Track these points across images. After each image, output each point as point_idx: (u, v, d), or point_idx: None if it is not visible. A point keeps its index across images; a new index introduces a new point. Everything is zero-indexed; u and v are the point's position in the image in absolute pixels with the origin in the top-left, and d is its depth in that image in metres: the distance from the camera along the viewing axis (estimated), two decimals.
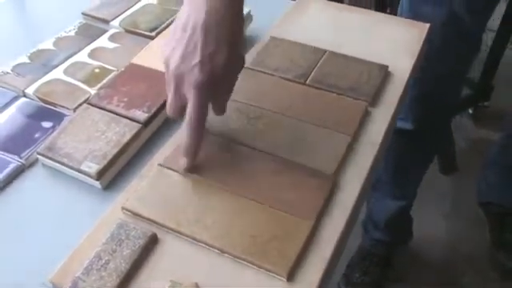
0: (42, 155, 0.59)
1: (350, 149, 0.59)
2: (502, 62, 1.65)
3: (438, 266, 1.39)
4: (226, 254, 0.49)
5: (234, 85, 0.54)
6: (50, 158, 0.58)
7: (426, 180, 1.37)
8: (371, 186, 1.20)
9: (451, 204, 1.54)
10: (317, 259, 0.49)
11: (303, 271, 0.48)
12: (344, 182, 0.55)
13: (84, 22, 0.82)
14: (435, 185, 1.55)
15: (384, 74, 0.69)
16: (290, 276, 0.47)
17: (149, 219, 0.52)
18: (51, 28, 0.80)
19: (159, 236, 0.50)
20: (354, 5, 0.88)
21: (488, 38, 1.66)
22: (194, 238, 0.50)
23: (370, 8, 1.74)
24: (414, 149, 1.06)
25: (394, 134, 0.69)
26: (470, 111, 1.76)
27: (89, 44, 0.77)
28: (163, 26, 0.79)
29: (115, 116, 0.62)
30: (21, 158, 0.60)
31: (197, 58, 0.50)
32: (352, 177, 0.56)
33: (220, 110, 0.56)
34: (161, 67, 0.68)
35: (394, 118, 0.65)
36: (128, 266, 0.47)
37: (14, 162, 0.59)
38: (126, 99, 0.64)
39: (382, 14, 0.84)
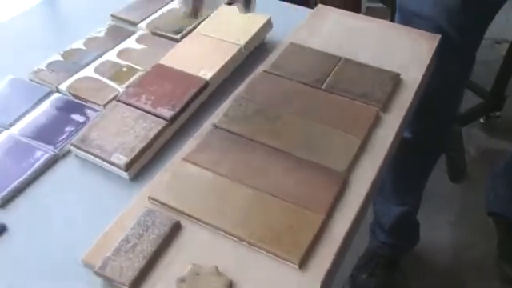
0: (76, 146, 0.63)
1: (361, 150, 0.63)
2: None
3: (444, 272, 1.41)
4: (244, 242, 0.53)
5: None
6: (83, 150, 0.63)
7: (436, 187, 1.40)
8: (378, 191, 1.23)
9: (460, 211, 1.56)
10: (327, 250, 0.53)
11: (314, 260, 0.52)
12: (354, 180, 0.59)
13: (113, 23, 0.87)
14: (445, 192, 1.58)
15: (395, 81, 0.73)
16: (302, 264, 0.51)
17: (173, 208, 0.56)
18: (82, 29, 0.84)
19: (182, 224, 0.55)
20: (370, 15, 0.91)
21: (501, 49, 1.68)
22: (215, 227, 0.54)
23: (386, 18, 1.78)
24: (413, 157, 1.09)
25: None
26: (482, 121, 1.78)
27: (117, 45, 0.81)
28: (187, 29, 0.83)
29: (143, 113, 0.67)
30: (55, 148, 0.64)
31: None
32: (361, 176, 0.60)
33: None
34: (186, 69, 0.73)
35: (403, 123, 0.69)
36: (153, 250, 0.52)
37: (49, 152, 0.64)
38: (152, 97, 0.69)
39: (396, 25, 0.88)
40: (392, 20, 1.68)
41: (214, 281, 0.49)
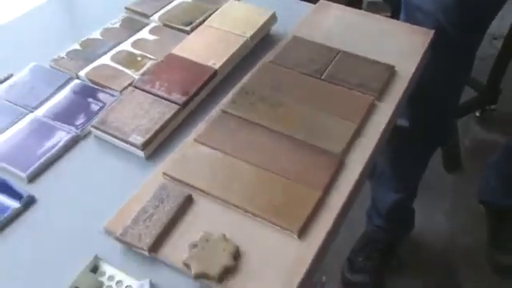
0: (96, 128, 0.69)
1: (356, 134, 0.69)
2: (510, 66, 1.71)
3: (437, 258, 1.47)
4: (249, 214, 0.59)
5: None
6: (103, 131, 0.69)
7: (432, 177, 1.45)
8: (377, 178, 1.30)
9: (455, 200, 1.61)
10: (323, 222, 0.59)
11: (311, 231, 0.58)
12: (349, 161, 0.65)
13: (127, 15, 0.93)
14: (440, 182, 1.64)
15: (390, 73, 0.79)
16: (301, 233, 0.57)
17: (185, 183, 0.62)
18: (99, 20, 0.90)
19: (193, 197, 0.61)
20: (371, 11, 0.96)
21: (499, 44, 1.73)
22: (223, 200, 0.60)
23: (386, 12, 1.83)
24: (411, 145, 1.14)
25: (394, 130, 0.78)
26: (477, 114, 1.84)
27: (132, 35, 0.87)
28: (197, 21, 0.89)
29: (157, 98, 0.73)
30: (77, 129, 0.70)
31: None
32: (356, 157, 0.66)
33: None
34: (196, 58, 0.79)
35: (396, 111, 0.75)
36: (168, 219, 0.58)
37: (71, 132, 0.70)
38: (166, 84, 0.74)
39: (394, 21, 0.93)
40: (392, 14, 1.73)
41: (222, 246, 0.55)
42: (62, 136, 0.69)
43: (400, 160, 1.21)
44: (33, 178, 0.65)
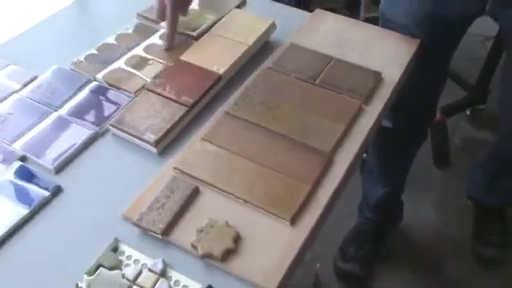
0: (114, 126, 0.78)
1: (344, 135, 0.77)
2: (499, 67, 1.79)
3: (425, 249, 1.55)
4: (248, 204, 0.68)
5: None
6: (120, 129, 0.77)
7: (422, 173, 1.53)
8: (367, 173, 1.39)
9: (443, 194, 1.70)
10: (312, 212, 0.68)
11: (302, 219, 0.67)
12: (337, 159, 0.74)
13: (138, 21, 1.01)
14: (430, 178, 1.72)
15: (377, 79, 0.87)
16: (293, 221, 0.66)
17: (193, 177, 0.71)
18: (112, 26, 0.98)
19: (200, 189, 0.70)
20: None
21: (489, 44, 1.81)
22: (226, 192, 0.69)
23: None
24: (395, 144, 1.23)
25: (380, 131, 0.85)
26: (468, 112, 1.92)
27: (144, 41, 0.95)
28: (202, 28, 0.97)
29: (168, 100, 0.81)
30: (97, 127, 0.79)
31: None
32: (343, 156, 0.75)
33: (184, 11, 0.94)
34: (202, 64, 0.88)
35: (382, 114, 0.83)
36: (178, 207, 0.67)
37: (91, 130, 0.79)
38: (176, 88, 0.83)
39: (383, 30, 1.01)
40: None
41: (225, 231, 0.64)
42: (83, 133, 0.78)
43: (385, 157, 1.30)
44: (59, 170, 0.74)
